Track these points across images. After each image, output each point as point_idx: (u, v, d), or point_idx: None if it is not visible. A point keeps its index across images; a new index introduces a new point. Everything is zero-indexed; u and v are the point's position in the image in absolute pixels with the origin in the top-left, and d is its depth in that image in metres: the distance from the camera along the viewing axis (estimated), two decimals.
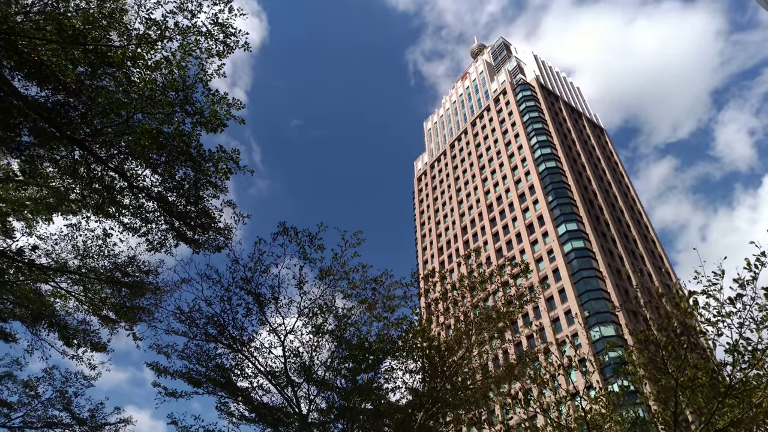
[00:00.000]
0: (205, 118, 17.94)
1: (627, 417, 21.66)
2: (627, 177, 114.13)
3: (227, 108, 18.05)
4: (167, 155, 17.87)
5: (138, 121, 17.35)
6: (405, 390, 20.24)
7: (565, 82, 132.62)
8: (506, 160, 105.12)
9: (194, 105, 17.93)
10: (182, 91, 17.69)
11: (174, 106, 17.57)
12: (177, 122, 17.80)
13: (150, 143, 17.33)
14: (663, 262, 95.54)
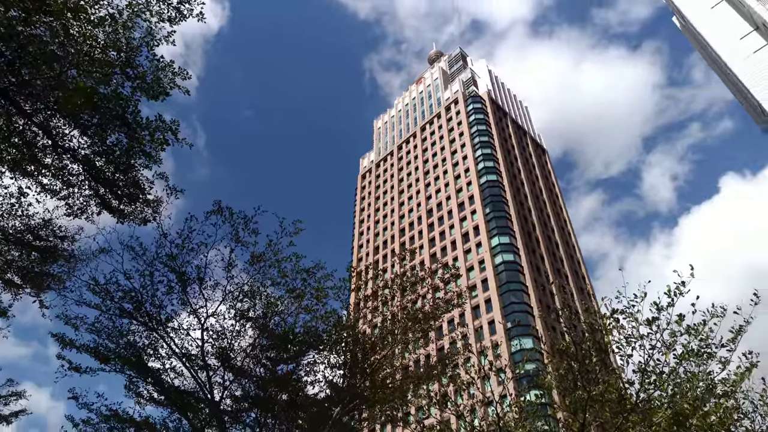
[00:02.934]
0: (147, 83, 17.02)
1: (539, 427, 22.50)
2: (561, 199, 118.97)
3: (172, 76, 17.21)
4: (100, 117, 16.81)
5: (72, 78, 16.22)
6: (324, 384, 20.08)
7: (515, 100, 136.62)
8: (450, 168, 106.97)
9: (136, 69, 16.97)
10: (125, 52, 16.70)
11: (114, 67, 16.56)
12: (115, 84, 16.79)
13: (82, 102, 16.22)
14: (585, 282, 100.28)
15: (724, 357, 16.84)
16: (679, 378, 17.18)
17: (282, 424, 19.12)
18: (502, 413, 17.15)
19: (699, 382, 17.04)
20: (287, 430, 19.11)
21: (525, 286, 79.94)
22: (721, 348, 16.86)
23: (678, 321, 16.05)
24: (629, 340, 17.49)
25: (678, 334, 17.02)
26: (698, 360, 17.19)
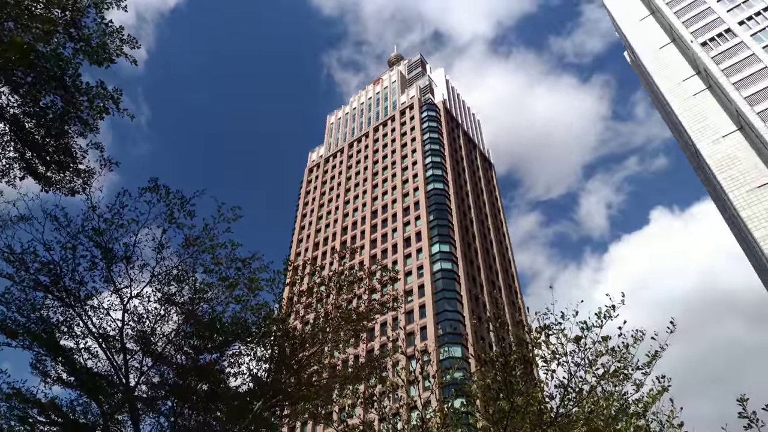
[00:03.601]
0: (92, 47, 16.13)
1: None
2: (503, 214, 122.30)
3: (120, 44, 16.37)
4: (35, 76, 15.75)
5: (8, 30, 15.12)
6: (248, 377, 19.63)
7: (468, 113, 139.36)
8: (399, 172, 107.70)
9: (81, 30, 16.04)
10: (71, 11, 15.76)
11: (56, 26, 15.57)
12: (56, 44, 15.80)
13: (17, 58, 15.14)
14: (517, 297, 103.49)
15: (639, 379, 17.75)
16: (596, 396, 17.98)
17: (199, 415, 18.54)
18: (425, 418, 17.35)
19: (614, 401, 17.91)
20: (204, 421, 18.54)
21: (460, 295, 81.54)
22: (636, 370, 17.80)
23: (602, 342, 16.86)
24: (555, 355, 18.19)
25: (600, 354, 17.85)
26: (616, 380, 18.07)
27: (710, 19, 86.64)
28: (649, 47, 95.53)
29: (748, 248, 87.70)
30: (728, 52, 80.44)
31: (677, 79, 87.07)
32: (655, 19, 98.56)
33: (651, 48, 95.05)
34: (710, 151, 75.35)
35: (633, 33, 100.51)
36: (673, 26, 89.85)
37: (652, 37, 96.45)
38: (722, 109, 78.60)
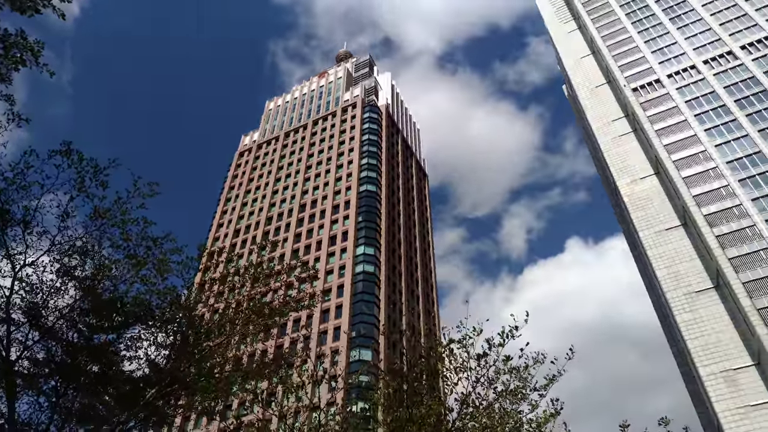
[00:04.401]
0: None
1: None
2: (430, 224, 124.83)
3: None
4: None
5: None
6: (144, 362, 18.81)
7: (410, 121, 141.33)
8: (334, 169, 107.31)
9: None
10: None
11: None
12: None
13: None
14: (433, 307, 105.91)
15: (536, 400, 18.75)
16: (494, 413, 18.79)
17: (85, 397, 17.53)
18: (325, 420, 17.39)
19: (510, 419, 18.81)
20: (89, 404, 17.55)
21: (378, 299, 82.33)
22: (534, 392, 18.78)
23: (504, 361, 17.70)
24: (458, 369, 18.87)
25: (502, 372, 18.71)
26: (513, 399, 18.99)
27: (644, 67, 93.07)
28: (586, 84, 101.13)
29: (650, 285, 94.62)
30: (655, 100, 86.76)
31: (607, 119, 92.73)
32: (595, 59, 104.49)
33: (588, 85, 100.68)
34: (628, 191, 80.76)
35: (573, 69, 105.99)
36: (610, 68, 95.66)
37: (590, 75, 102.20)
38: (643, 153, 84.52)
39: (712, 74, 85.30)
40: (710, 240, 65.29)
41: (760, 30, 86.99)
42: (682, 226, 72.83)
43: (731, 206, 68.59)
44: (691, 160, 75.96)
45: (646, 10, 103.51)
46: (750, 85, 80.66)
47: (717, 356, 59.24)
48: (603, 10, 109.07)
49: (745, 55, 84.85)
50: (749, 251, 63.50)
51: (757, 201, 67.48)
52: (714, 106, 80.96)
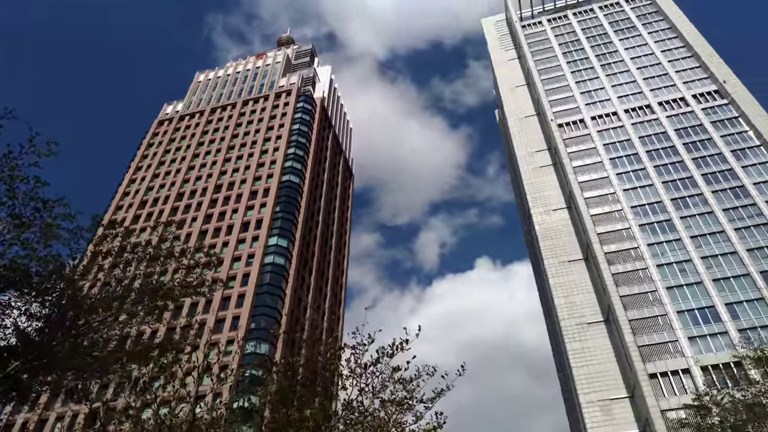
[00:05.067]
0: None
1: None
2: (349, 224, 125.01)
3: None
4: None
5: None
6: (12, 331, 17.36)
7: (343, 119, 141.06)
8: (258, 154, 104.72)
9: None
10: None
11: None
12: None
13: None
14: (339, 308, 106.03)
15: (421, 412, 19.34)
16: (376, 421, 19.14)
17: None
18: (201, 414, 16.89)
19: (392, 428, 19.26)
20: None
21: (284, 293, 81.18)
22: (420, 403, 19.36)
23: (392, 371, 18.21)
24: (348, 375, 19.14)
25: (391, 382, 19.17)
26: (399, 409, 19.49)
27: (571, 106, 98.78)
28: (517, 113, 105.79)
29: (547, 311, 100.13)
30: (577, 139, 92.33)
31: (531, 149, 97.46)
32: (529, 90, 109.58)
33: (518, 114, 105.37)
34: (540, 220, 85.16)
35: (507, 96, 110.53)
36: (541, 102, 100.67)
37: (522, 105, 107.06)
38: (559, 187, 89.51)
39: (631, 123, 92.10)
40: (606, 277, 70.21)
41: (677, 90, 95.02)
42: (583, 260, 77.81)
43: (629, 248, 74.20)
44: (601, 199, 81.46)
45: (582, 53, 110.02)
46: (661, 139, 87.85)
47: (597, 386, 63.71)
48: (543, 45, 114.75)
49: (661, 111, 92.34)
50: (639, 292, 68.98)
51: (652, 246, 73.46)
52: (628, 153, 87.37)
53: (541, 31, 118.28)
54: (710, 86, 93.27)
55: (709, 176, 79.71)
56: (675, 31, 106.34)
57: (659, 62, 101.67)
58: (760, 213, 72.79)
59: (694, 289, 67.67)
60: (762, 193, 75.01)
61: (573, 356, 67.23)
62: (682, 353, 61.99)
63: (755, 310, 63.80)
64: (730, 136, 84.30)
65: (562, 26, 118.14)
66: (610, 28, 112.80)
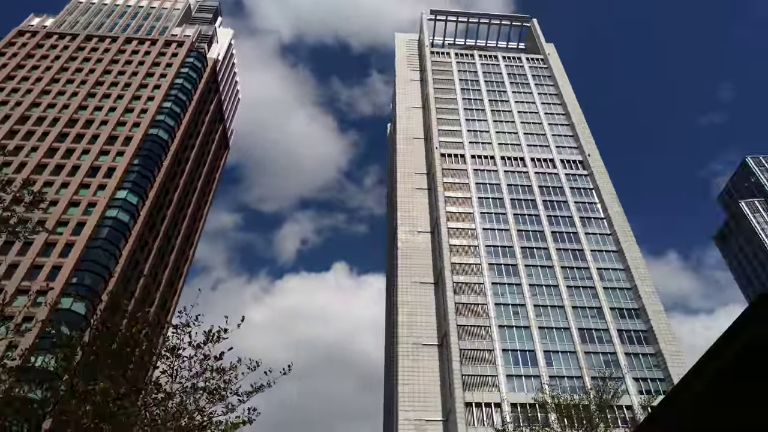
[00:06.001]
0: None
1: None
2: (211, 198, 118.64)
3: None
4: None
5: None
6: None
7: (233, 88, 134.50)
8: (129, 98, 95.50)
9: None
10: None
11: None
12: None
13: None
14: (179, 282, 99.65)
15: (233, 404, 18.18)
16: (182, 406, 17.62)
17: None
18: None
19: (196, 414, 17.85)
20: None
21: (120, 253, 74.22)
22: (234, 395, 18.19)
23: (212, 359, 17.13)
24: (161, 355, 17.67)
25: (209, 369, 17.94)
26: (210, 397, 18.19)
27: (457, 140, 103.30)
28: (407, 132, 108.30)
29: (389, 326, 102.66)
30: (454, 171, 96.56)
31: (412, 170, 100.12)
32: (423, 114, 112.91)
33: (408, 134, 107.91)
34: (404, 238, 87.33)
35: (402, 114, 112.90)
36: (431, 128, 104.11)
37: (414, 126, 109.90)
38: (428, 211, 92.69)
39: (504, 170, 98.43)
40: (450, 305, 73.60)
41: (549, 152, 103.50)
42: (433, 284, 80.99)
43: (476, 282, 78.64)
44: (462, 232, 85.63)
45: (478, 93, 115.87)
46: (526, 192, 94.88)
47: (418, 405, 66.07)
48: (445, 76, 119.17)
49: (532, 166, 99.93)
50: (474, 324, 73.18)
51: (495, 286, 78.56)
52: (495, 196, 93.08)
53: (447, 62, 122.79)
54: (577, 155, 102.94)
55: (557, 234, 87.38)
56: (560, 98, 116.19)
57: (541, 122, 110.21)
58: (590, 277, 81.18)
59: (522, 332, 73.31)
60: (596, 260, 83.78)
61: (402, 373, 69.22)
62: (498, 388, 66.54)
63: (567, 361, 70.61)
64: (582, 204, 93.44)
65: (467, 63, 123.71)
66: (507, 79, 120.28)
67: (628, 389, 66.07)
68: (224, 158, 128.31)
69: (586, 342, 72.93)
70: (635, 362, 71.34)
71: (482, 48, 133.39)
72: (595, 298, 78.55)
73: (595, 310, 77.18)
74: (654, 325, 74.03)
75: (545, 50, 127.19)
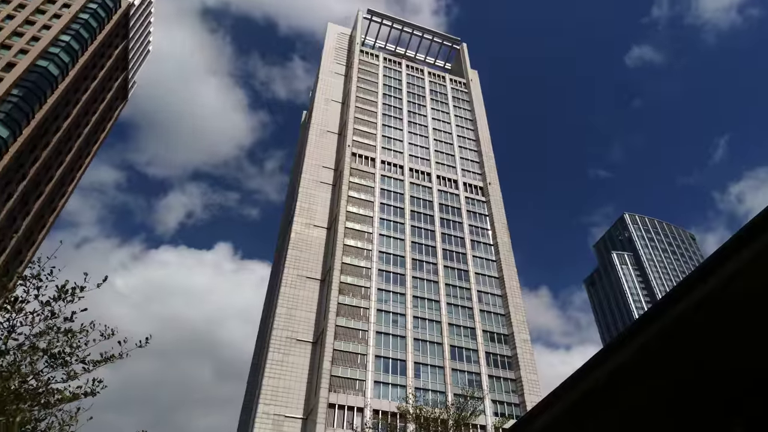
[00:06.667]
0: None
1: None
2: (96, 148, 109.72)
3: None
4: None
5: None
6: None
7: (145, 38, 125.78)
8: (20, 21, 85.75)
9: None
10: None
11: None
12: None
13: None
14: (40, 233, 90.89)
15: (77, 372, 16.58)
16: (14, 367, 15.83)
17: None
18: None
19: (30, 377, 16.17)
20: None
21: None
22: (79, 363, 16.61)
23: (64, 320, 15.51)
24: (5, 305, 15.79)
25: (54, 329, 16.29)
26: (51, 361, 16.54)
27: (370, 142, 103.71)
28: (322, 124, 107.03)
29: (266, 316, 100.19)
30: (362, 173, 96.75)
31: (320, 162, 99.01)
32: (341, 109, 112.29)
33: (323, 126, 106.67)
34: (299, 229, 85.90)
35: (320, 105, 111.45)
36: (347, 125, 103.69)
37: (330, 119, 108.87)
38: (329, 207, 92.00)
39: (410, 181, 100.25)
40: (332, 304, 73.27)
41: (454, 173, 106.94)
42: (320, 281, 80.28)
43: (362, 286, 79.02)
44: (358, 234, 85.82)
45: (399, 102, 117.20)
46: (427, 206, 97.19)
47: (280, 400, 64.82)
48: (371, 77, 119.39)
49: (437, 183, 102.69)
50: (353, 327, 73.39)
51: (381, 292, 79.43)
52: (397, 205, 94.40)
53: (375, 65, 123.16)
54: (479, 182, 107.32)
55: (447, 252, 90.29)
56: (474, 124, 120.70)
57: (452, 143, 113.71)
58: (470, 298, 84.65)
59: (398, 341, 74.65)
60: (478, 282, 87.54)
61: (270, 366, 67.70)
62: (364, 393, 67.09)
63: (434, 375, 72.86)
64: (476, 228, 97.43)
65: (394, 70, 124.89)
66: (429, 95, 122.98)
67: (486, 410, 69.38)
68: (119, 110, 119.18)
69: (455, 359, 75.74)
70: (496, 385, 75.20)
71: (411, 59, 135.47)
72: (470, 319, 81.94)
73: (468, 330, 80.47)
74: (519, 353, 78.57)
75: (469, 76, 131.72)
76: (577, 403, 3.01)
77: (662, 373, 2.53)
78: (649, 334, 2.33)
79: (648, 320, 2.42)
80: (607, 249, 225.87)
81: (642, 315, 2.45)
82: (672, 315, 2.23)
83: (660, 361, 2.47)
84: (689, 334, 2.26)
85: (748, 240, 2.02)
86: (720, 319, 2.35)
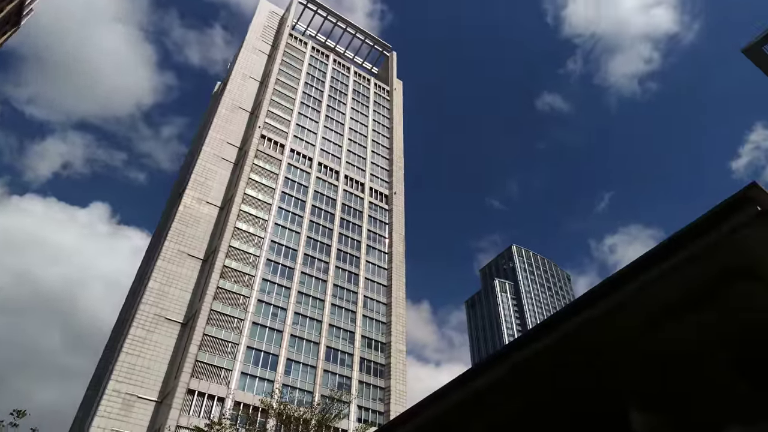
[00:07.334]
0: None
1: None
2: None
3: None
4: None
5: None
6: None
7: None
8: None
9: None
10: None
11: None
12: None
13: None
14: None
15: None
16: None
17: None
18: None
19: None
20: None
21: None
22: None
23: None
24: None
25: None
26: None
27: (282, 127, 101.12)
28: (234, 100, 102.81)
29: (136, 288, 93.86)
30: (268, 158, 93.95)
31: (224, 138, 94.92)
32: (258, 88, 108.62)
33: (234, 102, 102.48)
34: (189, 203, 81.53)
35: (236, 79, 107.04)
36: (261, 105, 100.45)
37: (244, 96, 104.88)
38: (226, 186, 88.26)
39: (316, 176, 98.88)
40: (211, 287, 70.06)
41: (363, 176, 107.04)
42: (202, 260, 76.56)
43: (246, 273, 76.37)
44: (252, 219, 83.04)
45: (319, 93, 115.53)
46: (329, 204, 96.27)
47: (135, 379, 60.69)
48: (294, 63, 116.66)
49: (343, 182, 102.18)
50: (229, 314, 70.60)
51: (265, 282, 77.28)
52: (299, 197, 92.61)
53: (302, 51, 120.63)
54: (385, 189, 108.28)
55: (341, 253, 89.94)
56: (390, 132, 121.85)
57: (366, 146, 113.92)
58: (356, 302, 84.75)
59: (273, 335, 72.86)
60: (366, 287, 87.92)
61: (131, 342, 63.30)
62: (228, 383, 64.60)
63: (305, 374, 71.90)
64: (374, 234, 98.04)
65: (320, 62, 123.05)
66: (351, 94, 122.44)
67: (350, 414, 69.46)
68: (7, 36, 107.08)
69: (329, 361, 75.28)
70: (365, 391, 75.64)
71: (339, 54, 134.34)
72: (352, 323, 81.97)
73: (348, 333, 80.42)
74: (393, 362, 79.70)
75: (394, 84, 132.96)
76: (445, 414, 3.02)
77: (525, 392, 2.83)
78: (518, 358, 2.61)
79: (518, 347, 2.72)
80: (491, 275, 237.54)
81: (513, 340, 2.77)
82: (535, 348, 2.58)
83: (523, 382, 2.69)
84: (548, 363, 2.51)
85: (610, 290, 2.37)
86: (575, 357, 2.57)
